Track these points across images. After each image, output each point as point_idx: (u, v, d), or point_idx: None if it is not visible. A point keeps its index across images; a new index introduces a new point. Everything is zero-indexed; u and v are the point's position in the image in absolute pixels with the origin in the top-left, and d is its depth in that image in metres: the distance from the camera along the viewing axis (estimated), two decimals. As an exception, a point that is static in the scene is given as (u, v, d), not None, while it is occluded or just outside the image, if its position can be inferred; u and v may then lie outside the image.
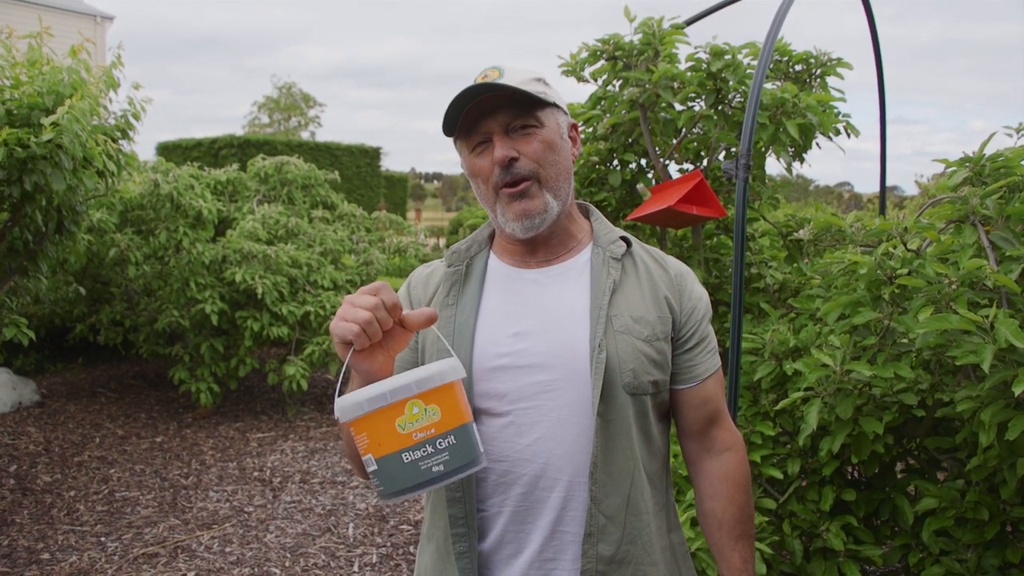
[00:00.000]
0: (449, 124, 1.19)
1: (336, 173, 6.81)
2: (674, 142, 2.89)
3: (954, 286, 1.63)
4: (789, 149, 2.73)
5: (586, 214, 1.33)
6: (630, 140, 3.00)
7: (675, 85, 2.71)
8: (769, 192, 2.98)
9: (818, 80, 2.93)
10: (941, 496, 1.96)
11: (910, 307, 1.75)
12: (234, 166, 6.50)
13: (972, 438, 1.86)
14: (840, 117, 2.78)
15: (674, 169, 3.01)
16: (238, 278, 4.96)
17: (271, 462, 4.56)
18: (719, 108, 2.74)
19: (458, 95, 1.15)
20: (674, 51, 2.73)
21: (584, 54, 2.87)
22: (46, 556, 3.34)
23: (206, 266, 5.11)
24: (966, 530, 1.95)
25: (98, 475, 4.29)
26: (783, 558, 2.20)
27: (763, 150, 2.79)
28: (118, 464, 4.46)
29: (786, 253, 2.93)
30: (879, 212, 3.25)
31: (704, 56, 2.71)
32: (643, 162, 3.08)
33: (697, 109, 2.74)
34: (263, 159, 6.48)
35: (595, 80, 2.94)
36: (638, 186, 2.97)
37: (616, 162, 3.09)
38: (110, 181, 3.91)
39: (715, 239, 3.14)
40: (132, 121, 4.06)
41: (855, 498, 2.16)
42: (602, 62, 2.86)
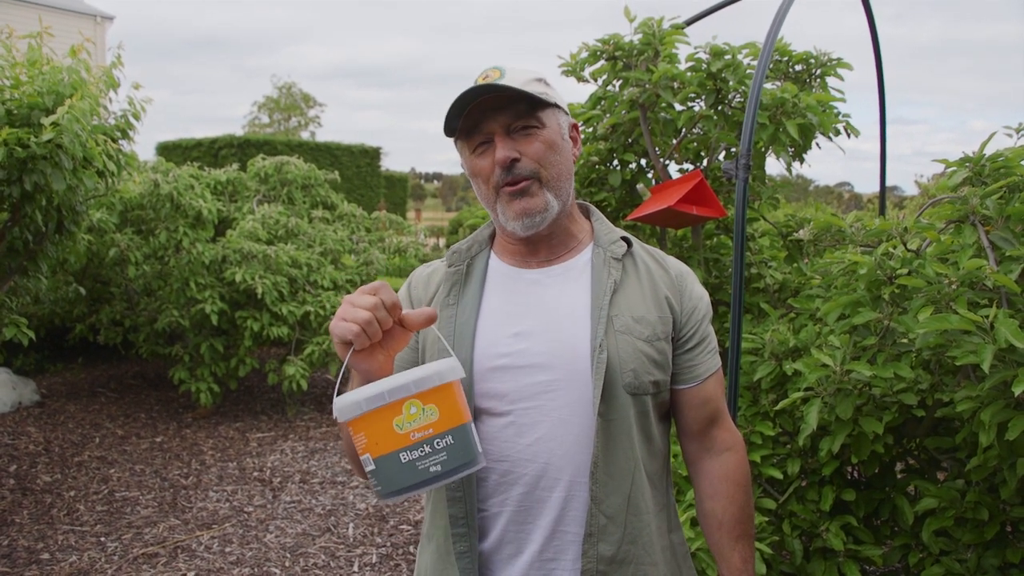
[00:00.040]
0: (450, 124, 1.19)
1: (336, 173, 6.81)
2: (674, 142, 2.89)
3: (954, 286, 1.63)
4: (789, 149, 2.73)
5: (586, 214, 1.33)
6: (630, 140, 3.00)
7: (675, 85, 2.71)
8: (769, 192, 2.99)
9: (818, 80, 2.94)
10: (941, 496, 1.96)
11: (910, 307, 1.75)
12: (234, 166, 6.50)
13: (972, 438, 1.86)
14: (840, 117, 2.78)
15: (674, 169, 3.02)
16: (238, 278, 4.96)
17: (271, 462, 4.56)
18: (719, 108, 2.74)
19: (459, 96, 1.15)
20: (674, 51, 2.73)
21: (584, 54, 2.87)
22: (46, 556, 3.34)
23: (206, 266, 5.11)
24: (966, 530, 1.95)
25: (98, 475, 4.29)
26: (783, 558, 2.20)
27: (763, 150, 2.79)
28: (118, 464, 4.46)
29: (786, 253, 2.93)
30: (879, 212, 3.25)
31: (704, 56, 2.72)
32: (643, 162, 3.08)
33: (697, 109, 2.74)
34: (263, 159, 6.48)
35: (595, 80, 2.94)
36: (638, 186, 2.97)
37: (616, 162, 3.09)
38: (110, 181, 3.91)
39: (715, 239, 3.14)
40: (132, 121, 4.06)
41: (855, 498, 2.16)
42: (602, 62, 2.86)
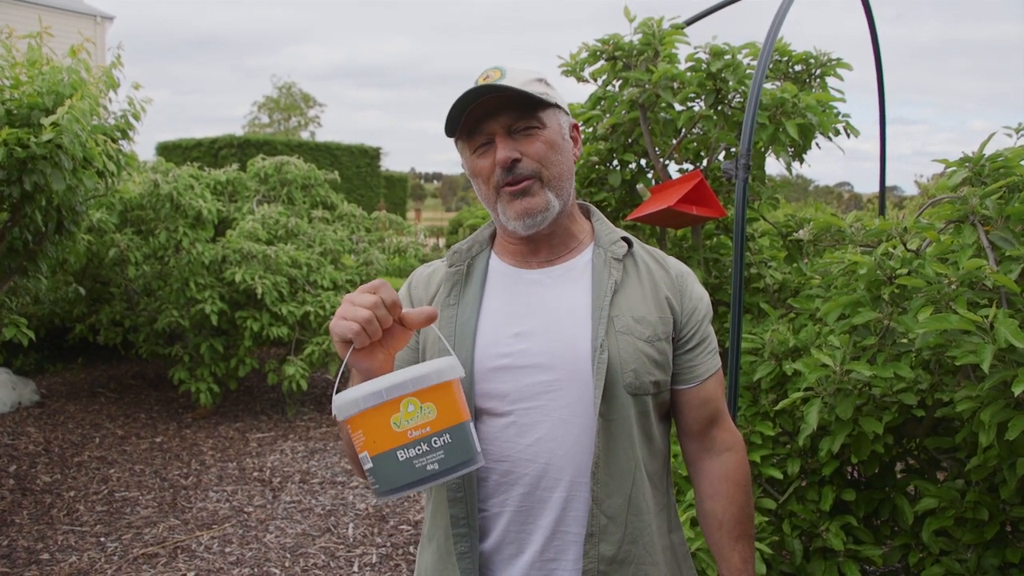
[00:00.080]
0: (451, 125, 1.19)
1: (336, 173, 6.81)
2: (674, 142, 2.89)
3: (954, 286, 1.63)
4: (789, 149, 2.73)
5: (587, 215, 1.33)
6: (630, 140, 3.00)
7: (675, 85, 2.71)
8: (769, 192, 2.99)
9: (818, 80, 2.94)
10: (941, 496, 1.96)
11: (910, 307, 1.75)
12: (234, 166, 6.50)
13: (972, 438, 1.86)
14: (840, 117, 2.78)
15: (674, 169, 3.02)
16: (238, 278, 4.96)
17: (271, 462, 4.56)
18: (719, 108, 2.74)
19: (460, 96, 1.15)
20: (674, 51, 2.73)
21: (584, 54, 2.87)
22: (46, 556, 3.34)
23: (206, 266, 5.11)
24: (966, 530, 1.95)
25: (98, 475, 4.29)
26: (783, 558, 2.20)
27: (763, 150, 2.79)
28: (118, 464, 4.46)
29: (786, 253, 2.93)
30: (879, 212, 3.26)
31: (704, 56, 2.72)
32: (643, 162, 3.08)
33: (697, 109, 2.74)
34: (263, 159, 6.47)
35: (595, 80, 2.95)
36: (638, 186, 2.97)
37: (616, 162, 3.09)
38: (110, 181, 3.91)
39: (715, 239, 3.14)
40: (132, 121, 4.06)
41: (855, 498, 2.17)
42: (602, 62, 2.86)
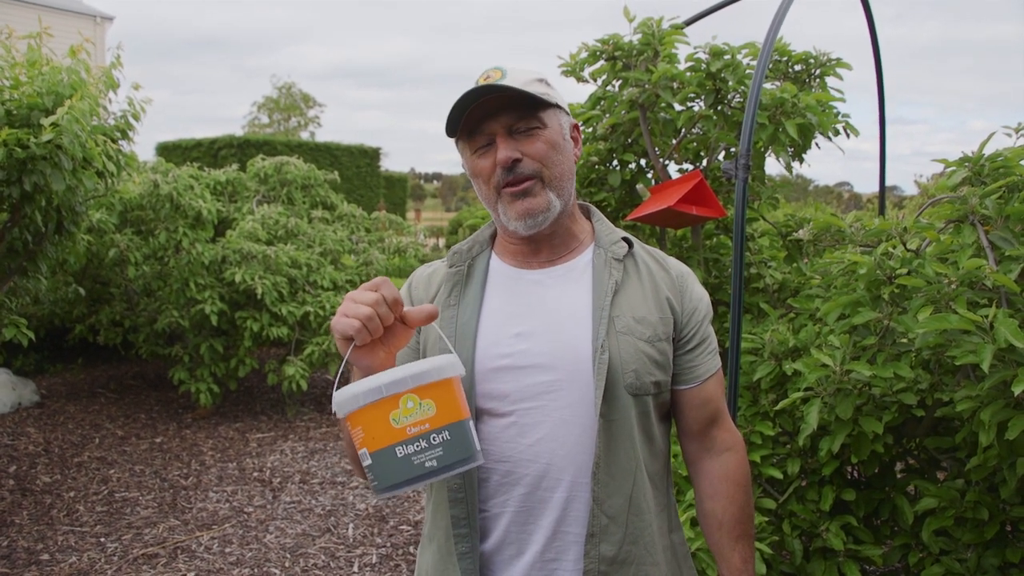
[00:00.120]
0: (452, 125, 1.19)
1: (336, 173, 6.81)
2: (673, 142, 2.89)
3: (953, 286, 1.63)
4: (788, 149, 2.73)
5: (587, 215, 1.33)
6: (629, 140, 3.00)
7: (674, 85, 2.71)
8: (768, 192, 2.99)
9: (817, 80, 2.94)
10: (941, 496, 1.96)
11: (910, 307, 1.75)
12: (234, 166, 6.50)
13: (972, 438, 1.86)
14: (839, 117, 2.78)
15: (674, 169, 3.02)
16: (238, 278, 4.96)
17: (271, 462, 4.56)
18: (718, 108, 2.74)
19: (461, 96, 1.15)
20: (673, 51, 2.73)
21: (584, 54, 2.87)
22: (45, 557, 3.34)
23: (206, 266, 5.11)
24: (966, 530, 1.95)
25: (98, 476, 4.29)
26: (783, 558, 2.20)
27: (762, 150, 2.79)
28: (118, 465, 4.46)
29: (785, 253, 2.93)
30: (878, 212, 3.26)
31: (703, 56, 2.72)
32: (643, 162, 3.08)
33: (696, 109, 2.74)
34: (263, 159, 6.48)
35: (594, 80, 2.94)
36: (637, 186, 2.97)
37: (616, 162, 3.09)
38: (110, 181, 3.91)
39: (715, 239, 3.14)
40: (132, 121, 4.06)
41: (855, 498, 2.16)
42: (601, 62, 2.86)
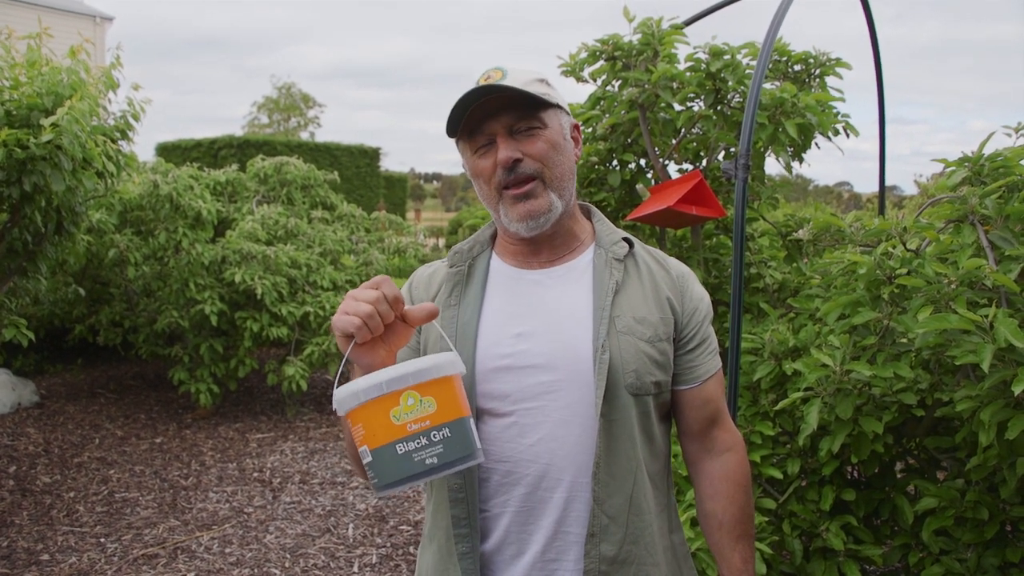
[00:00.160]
0: (452, 125, 1.20)
1: (335, 173, 6.81)
2: (673, 142, 2.89)
3: (953, 286, 1.63)
4: (788, 149, 2.73)
5: (588, 215, 1.34)
6: (629, 140, 3.00)
7: (674, 85, 2.71)
8: (768, 192, 2.99)
9: (817, 80, 2.94)
10: (941, 496, 1.96)
11: (909, 307, 1.75)
12: (233, 167, 6.50)
13: (972, 438, 1.86)
14: (839, 117, 2.78)
15: (673, 169, 3.02)
16: (237, 279, 4.96)
17: (271, 463, 4.56)
18: (718, 108, 2.74)
19: (461, 97, 1.15)
20: (673, 51, 2.73)
21: (583, 54, 2.87)
22: (45, 557, 3.34)
23: (205, 267, 5.11)
24: (966, 530, 1.95)
25: (97, 476, 4.29)
26: (783, 558, 2.20)
27: (762, 150, 2.79)
28: (118, 465, 4.46)
29: (785, 253, 2.93)
30: (878, 212, 3.26)
31: (703, 56, 2.72)
32: (642, 162, 3.08)
33: (696, 109, 2.74)
34: (262, 159, 6.48)
35: (594, 80, 2.95)
36: (637, 186, 2.97)
37: (615, 162, 3.09)
38: (109, 182, 3.91)
39: (714, 239, 3.14)
40: (131, 122, 4.06)
41: (855, 498, 2.17)
42: (601, 62, 2.86)
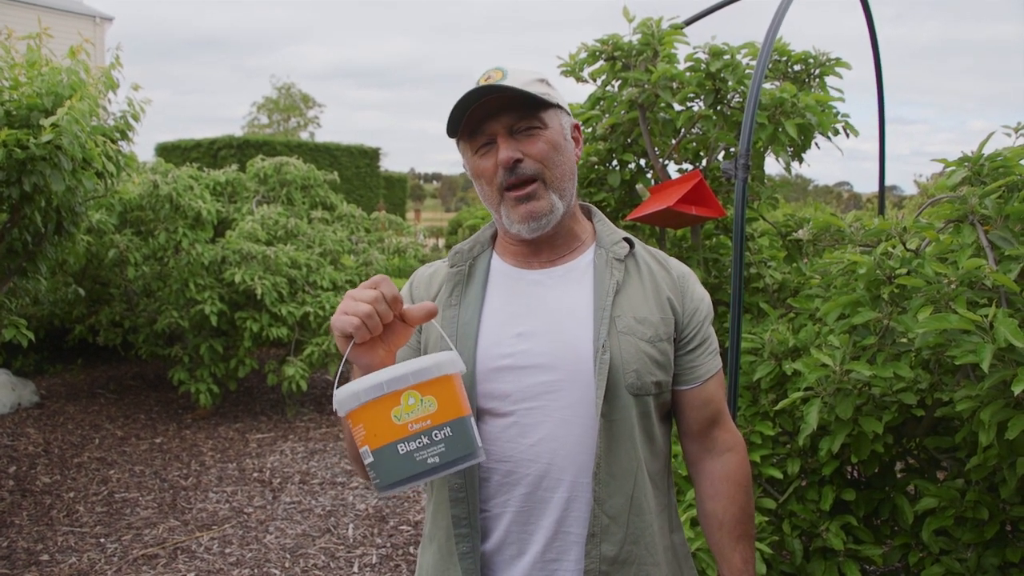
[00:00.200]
0: (453, 125, 1.19)
1: (335, 174, 6.81)
2: (673, 142, 2.89)
3: (953, 286, 1.63)
4: (788, 149, 2.73)
5: (588, 215, 1.34)
6: (629, 140, 3.00)
7: (674, 85, 2.71)
8: (768, 192, 2.99)
9: (817, 80, 2.94)
10: (941, 496, 1.96)
11: (909, 307, 1.75)
12: (233, 167, 6.50)
13: (972, 437, 1.86)
14: (839, 117, 2.78)
15: (673, 169, 3.02)
16: (237, 279, 4.96)
17: (271, 463, 4.56)
18: (718, 108, 2.74)
19: (462, 97, 1.15)
20: (673, 51, 2.73)
21: (583, 54, 2.87)
22: (45, 557, 3.34)
23: (205, 267, 5.11)
24: (966, 529, 1.96)
25: (97, 476, 4.28)
26: (783, 558, 2.20)
27: (762, 150, 2.79)
28: (117, 465, 4.46)
29: (785, 253, 2.93)
30: (878, 212, 3.26)
31: (703, 56, 2.72)
32: (642, 162, 3.08)
33: (696, 109, 2.74)
34: (262, 160, 6.48)
35: (594, 80, 2.95)
36: (637, 186, 2.97)
37: (615, 162, 3.09)
38: (109, 182, 3.91)
39: (714, 239, 3.14)
40: (131, 122, 4.06)
41: (855, 498, 2.17)
42: (601, 62, 2.86)
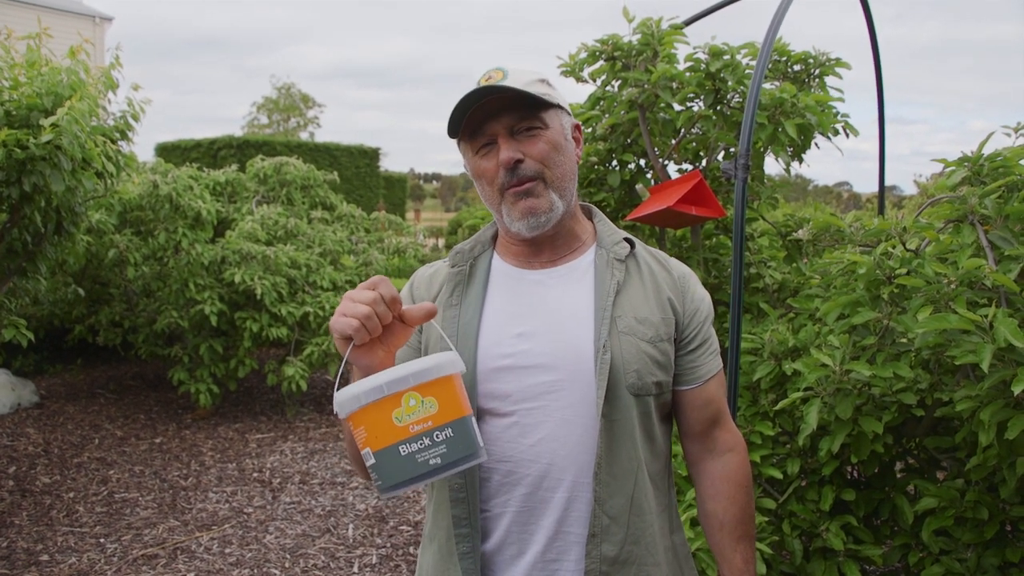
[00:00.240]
0: (453, 126, 1.19)
1: (335, 174, 6.82)
2: (673, 142, 2.89)
3: (953, 286, 1.63)
4: (788, 149, 2.73)
5: (589, 215, 1.34)
6: (629, 140, 3.00)
7: (674, 85, 2.71)
8: (768, 192, 2.99)
9: (817, 80, 2.94)
10: (941, 496, 1.96)
11: (909, 307, 1.75)
12: (233, 167, 6.50)
13: (971, 437, 1.86)
14: (839, 117, 2.78)
15: (673, 169, 3.02)
16: (237, 279, 4.96)
17: (270, 463, 4.56)
18: (718, 108, 2.74)
19: (463, 97, 1.14)
20: (673, 51, 2.73)
21: (583, 55, 2.87)
22: (45, 558, 3.34)
23: (205, 267, 5.11)
24: (966, 529, 1.95)
25: (97, 476, 4.28)
26: (783, 558, 2.20)
27: (762, 150, 2.79)
28: (117, 465, 4.46)
29: (785, 253, 2.93)
30: (878, 212, 3.26)
31: (703, 56, 2.72)
32: (642, 162, 3.08)
33: (696, 109, 2.74)
34: (262, 160, 6.48)
35: (594, 81, 2.95)
36: (637, 186, 2.97)
37: (615, 162, 3.09)
38: (109, 182, 3.91)
39: (714, 239, 3.14)
40: (131, 122, 4.07)
41: (855, 498, 2.16)
42: (601, 62, 2.86)
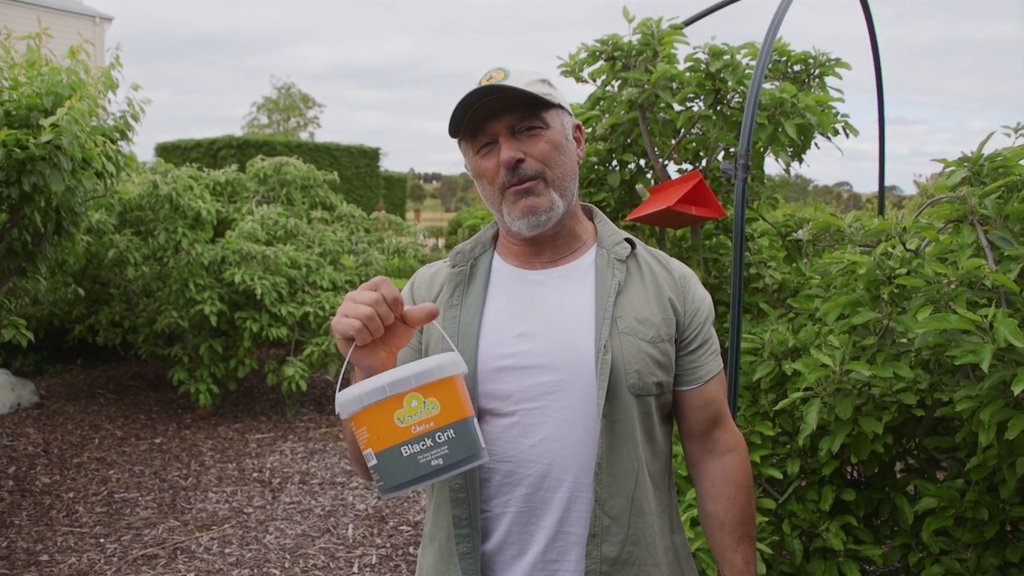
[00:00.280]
0: (454, 126, 1.19)
1: (335, 174, 6.82)
2: (673, 142, 2.89)
3: (953, 286, 1.64)
4: (788, 149, 2.73)
5: (590, 216, 1.34)
6: (629, 140, 3.00)
7: (674, 85, 2.71)
8: (768, 192, 2.99)
9: (817, 80, 2.94)
10: (941, 496, 1.97)
11: (909, 307, 1.75)
12: (233, 167, 6.50)
13: (971, 438, 1.86)
14: (839, 117, 2.79)
15: (673, 169, 3.02)
16: (237, 279, 4.96)
17: (270, 463, 4.56)
18: (718, 108, 2.74)
19: (464, 97, 1.14)
20: (673, 51, 2.73)
21: (583, 55, 2.87)
22: (45, 558, 3.34)
23: (205, 267, 5.11)
24: (966, 530, 1.96)
25: (97, 476, 4.28)
26: (783, 558, 2.20)
27: (762, 150, 2.79)
28: (117, 465, 4.46)
29: (785, 253, 2.93)
30: (878, 212, 3.26)
31: (703, 56, 2.72)
32: (642, 162, 3.08)
33: (696, 109, 2.74)
34: (262, 160, 6.48)
35: (594, 81, 2.95)
36: (637, 186, 2.97)
37: (615, 162, 3.09)
38: (109, 182, 3.91)
39: (714, 239, 3.14)
40: (131, 122, 4.07)
41: (855, 498, 2.17)
42: (601, 62, 2.86)
